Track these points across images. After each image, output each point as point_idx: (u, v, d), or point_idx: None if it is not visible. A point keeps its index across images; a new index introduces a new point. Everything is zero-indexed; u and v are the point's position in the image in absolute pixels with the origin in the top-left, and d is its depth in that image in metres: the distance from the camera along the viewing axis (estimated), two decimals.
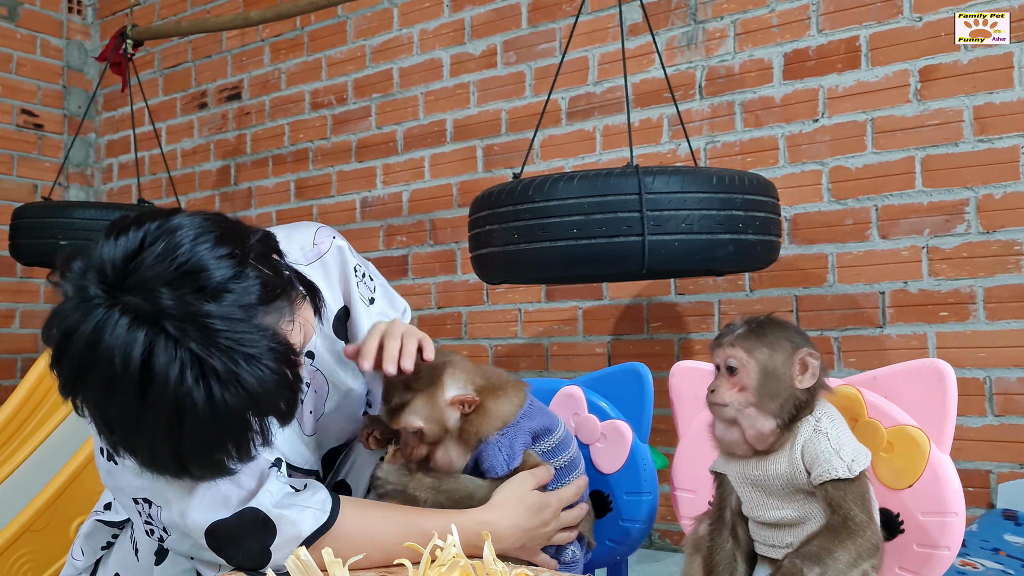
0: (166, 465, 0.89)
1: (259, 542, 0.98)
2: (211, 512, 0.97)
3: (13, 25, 3.69)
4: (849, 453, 0.97)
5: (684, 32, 2.50)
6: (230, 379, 0.84)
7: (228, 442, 0.88)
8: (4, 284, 3.62)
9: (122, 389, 0.83)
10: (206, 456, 0.89)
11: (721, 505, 1.05)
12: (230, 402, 0.84)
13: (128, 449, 0.89)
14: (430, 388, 1.12)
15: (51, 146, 3.80)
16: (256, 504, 0.98)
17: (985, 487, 2.05)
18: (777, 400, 0.98)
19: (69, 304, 0.85)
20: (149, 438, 0.86)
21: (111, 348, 0.82)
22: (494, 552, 0.89)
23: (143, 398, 0.83)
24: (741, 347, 1.00)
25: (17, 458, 2.20)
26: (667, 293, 2.51)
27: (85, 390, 0.86)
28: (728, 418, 1.00)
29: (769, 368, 0.99)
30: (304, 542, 0.97)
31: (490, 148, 2.84)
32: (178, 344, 0.82)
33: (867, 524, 0.95)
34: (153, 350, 0.82)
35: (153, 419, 0.84)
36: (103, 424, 0.88)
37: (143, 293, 0.83)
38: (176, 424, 0.84)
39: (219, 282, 0.85)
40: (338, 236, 1.26)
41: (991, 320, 2.06)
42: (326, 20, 3.23)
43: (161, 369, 0.82)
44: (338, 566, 0.84)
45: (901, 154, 2.18)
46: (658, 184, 1.66)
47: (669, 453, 1.40)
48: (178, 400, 0.83)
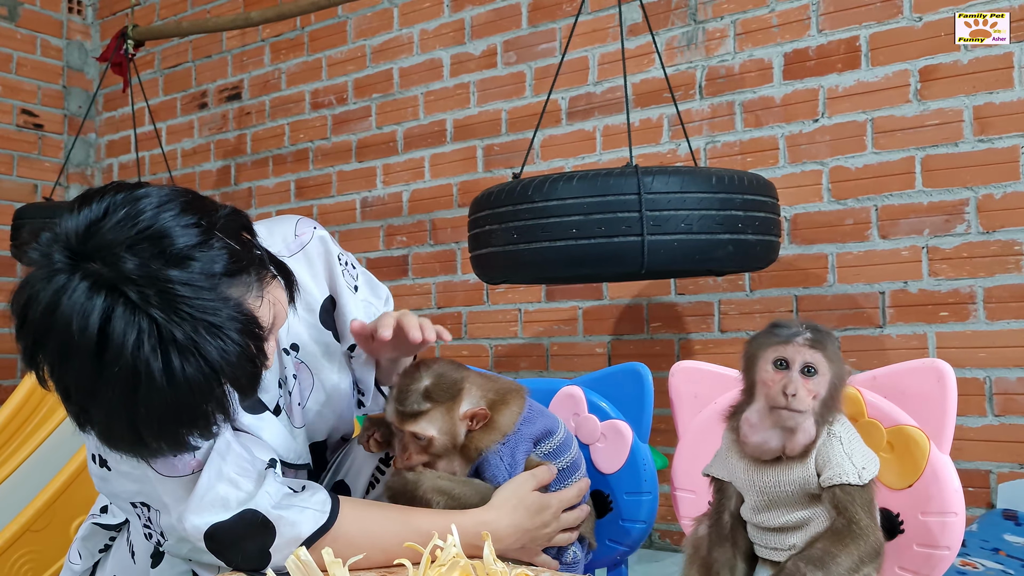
0: (122, 435, 0.86)
1: (258, 544, 0.98)
2: (209, 515, 0.96)
3: (13, 25, 3.69)
4: (860, 460, 0.97)
5: (684, 32, 2.50)
6: (190, 348, 0.81)
7: (186, 414, 0.85)
8: (4, 284, 3.62)
9: (79, 354, 0.81)
10: (163, 428, 0.86)
11: (720, 508, 1.05)
12: (188, 372, 0.82)
13: (87, 420, 0.86)
14: (450, 401, 1.12)
15: (51, 146, 3.80)
16: (255, 506, 0.97)
17: (985, 487, 2.05)
18: (831, 412, 0.99)
19: (34, 273, 0.85)
20: (105, 407, 0.83)
21: (69, 312, 0.81)
22: (494, 552, 0.89)
23: (100, 364, 0.81)
24: (821, 353, 0.97)
25: (17, 458, 2.20)
26: (667, 293, 2.51)
27: (44, 354, 0.84)
28: (794, 425, 0.97)
29: (838, 381, 0.98)
30: (304, 543, 0.97)
31: (490, 148, 2.84)
32: (137, 310, 0.80)
33: (871, 529, 0.96)
34: (111, 315, 0.80)
35: (109, 387, 0.81)
36: (62, 391, 0.86)
37: (105, 258, 0.82)
38: (131, 392, 0.81)
39: (183, 248, 0.83)
40: (319, 226, 1.24)
41: (991, 320, 2.06)
42: (326, 20, 3.23)
43: (119, 335, 0.80)
44: (338, 566, 0.84)
45: (901, 154, 2.18)
46: (658, 184, 1.66)
47: (669, 453, 1.40)
48: (135, 367, 0.80)
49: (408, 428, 1.11)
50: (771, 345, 0.98)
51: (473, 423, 1.13)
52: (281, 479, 1.04)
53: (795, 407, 0.95)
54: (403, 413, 1.11)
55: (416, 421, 1.11)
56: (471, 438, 1.13)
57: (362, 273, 1.29)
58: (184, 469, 0.97)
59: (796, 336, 0.97)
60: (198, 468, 0.97)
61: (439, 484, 1.11)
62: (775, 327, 1.00)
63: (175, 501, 0.97)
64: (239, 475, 0.99)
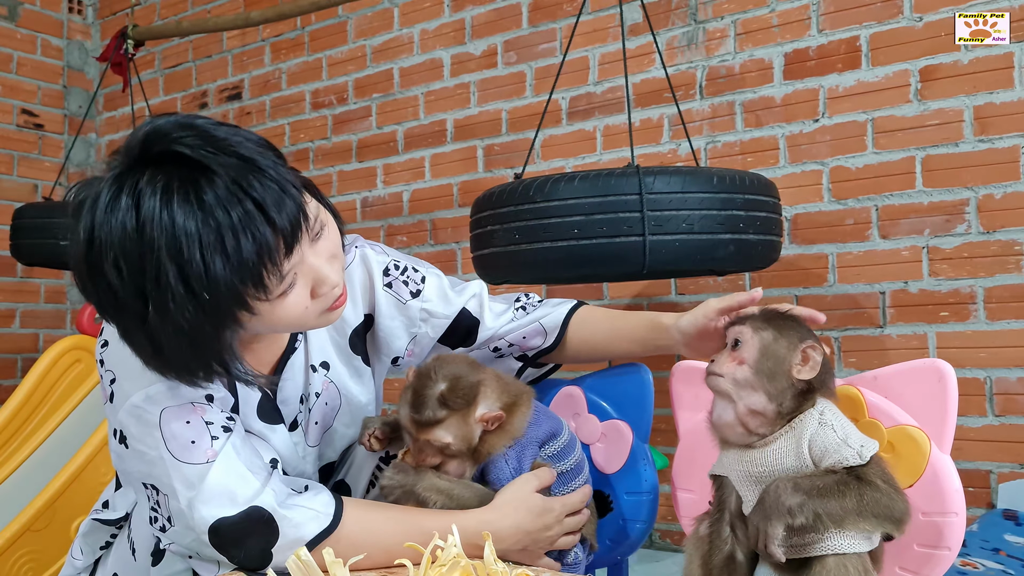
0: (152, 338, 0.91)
1: (261, 543, 0.98)
2: (217, 507, 0.97)
3: (13, 25, 3.69)
4: (857, 441, 0.98)
5: (684, 32, 2.50)
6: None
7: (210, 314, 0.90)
8: (4, 284, 3.62)
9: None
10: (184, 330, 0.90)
11: (720, 506, 1.05)
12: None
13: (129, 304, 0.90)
14: (466, 408, 1.12)
15: (51, 146, 3.80)
16: (261, 503, 0.98)
17: (985, 487, 2.05)
18: (774, 383, 0.99)
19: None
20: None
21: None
22: (495, 552, 0.89)
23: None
24: (749, 325, 1.04)
25: (17, 458, 2.20)
26: (667, 293, 2.51)
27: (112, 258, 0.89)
28: (722, 389, 1.02)
29: (770, 348, 1.01)
30: (307, 545, 0.97)
31: (491, 148, 2.85)
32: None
33: (885, 489, 0.94)
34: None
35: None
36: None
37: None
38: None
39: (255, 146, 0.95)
40: (361, 242, 1.26)
41: (991, 320, 2.06)
42: (327, 20, 3.23)
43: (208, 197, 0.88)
44: (339, 566, 0.84)
45: (901, 154, 2.18)
46: (659, 184, 1.66)
47: (669, 453, 1.40)
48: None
49: (424, 436, 1.10)
50: (724, 332, 1.10)
51: (488, 425, 1.13)
52: (285, 478, 1.04)
53: (711, 370, 1.04)
54: (419, 422, 1.10)
55: (432, 430, 1.10)
56: (483, 440, 1.13)
57: (432, 276, 1.30)
58: (199, 457, 0.98)
59: (737, 319, 1.08)
60: (212, 458, 0.98)
61: (437, 483, 1.10)
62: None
63: (186, 487, 0.98)
64: (249, 470, 1.00)
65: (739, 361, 1.02)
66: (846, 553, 0.96)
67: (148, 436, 0.99)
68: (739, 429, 1.02)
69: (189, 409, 1.00)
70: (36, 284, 3.73)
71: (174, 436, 0.98)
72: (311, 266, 0.97)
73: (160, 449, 0.99)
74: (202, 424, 1.00)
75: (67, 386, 2.36)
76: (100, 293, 0.91)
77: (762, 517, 0.95)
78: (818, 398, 1.01)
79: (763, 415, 1.00)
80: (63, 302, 3.83)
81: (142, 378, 1.00)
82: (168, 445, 0.98)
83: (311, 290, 0.98)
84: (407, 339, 1.27)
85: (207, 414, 1.01)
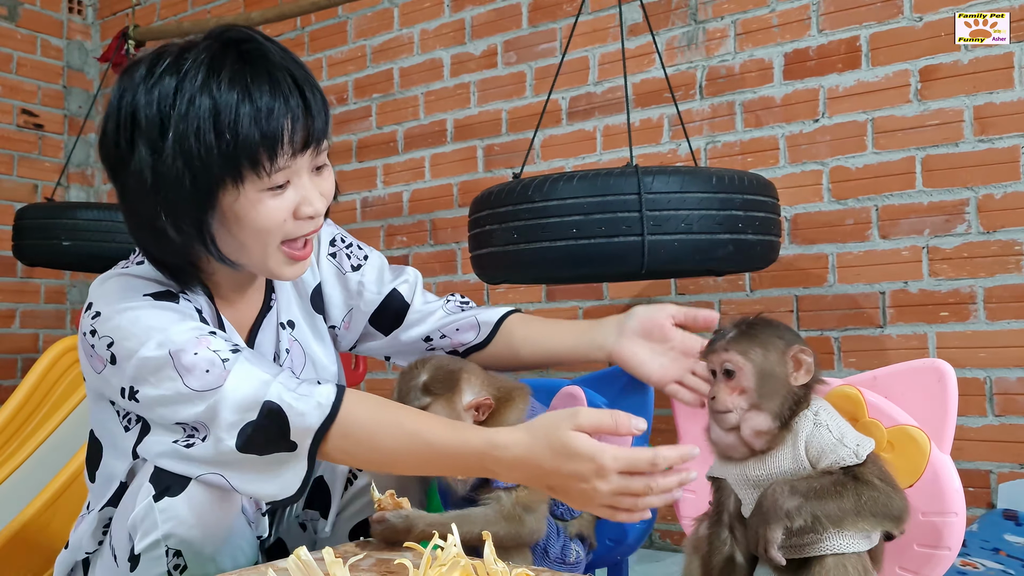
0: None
1: (279, 436, 1.00)
2: (241, 414, 1.00)
3: (13, 25, 3.69)
4: (853, 440, 0.97)
5: (684, 32, 2.50)
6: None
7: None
8: (5, 284, 3.62)
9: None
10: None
11: (719, 508, 1.05)
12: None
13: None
14: (449, 393, 1.13)
15: (52, 146, 3.80)
16: (270, 396, 1.01)
17: (985, 487, 2.05)
18: (776, 399, 0.99)
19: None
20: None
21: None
22: (494, 551, 0.89)
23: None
24: (735, 350, 1.00)
25: (17, 458, 2.20)
26: (667, 293, 2.51)
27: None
28: (731, 425, 1.00)
29: (765, 368, 0.99)
30: (315, 435, 1.00)
31: (490, 148, 2.84)
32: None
33: (883, 487, 0.94)
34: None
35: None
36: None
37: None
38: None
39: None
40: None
41: (991, 320, 2.06)
42: (326, 20, 3.23)
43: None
44: (339, 566, 0.84)
45: (901, 154, 2.18)
46: (658, 184, 1.66)
47: None
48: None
49: None
50: (705, 357, 1.05)
51: (479, 414, 1.13)
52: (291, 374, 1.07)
53: (715, 408, 1.00)
54: None
55: None
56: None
57: (374, 256, 1.35)
58: (216, 380, 1.01)
59: (716, 342, 1.02)
60: (226, 378, 1.01)
61: (432, 520, 1.09)
62: (712, 337, 1.05)
63: (209, 412, 1.01)
64: (261, 370, 1.03)
65: (739, 391, 0.99)
66: (845, 553, 0.96)
67: (166, 379, 1.02)
68: (743, 450, 1.01)
69: (195, 343, 1.03)
70: (36, 284, 3.73)
71: (187, 370, 1.01)
72: (305, 184, 1.07)
73: (178, 385, 1.01)
74: (209, 352, 1.03)
75: (67, 386, 2.35)
76: (120, 135, 1.02)
77: (761, 521, 0.95)
78: (812, 397, 1.01)
79: (768, 433, 0.99)
80: (63, 302, 3.83)
81: (144, 334, 1.04)
82: (184, 379, 1.01)
83: (295, 208, 1.06)
84: (344, 310, 1.33)
85: (212, 343, 1.04)
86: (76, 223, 2.68)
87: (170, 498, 1.03)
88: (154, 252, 1.11)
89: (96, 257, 2.68)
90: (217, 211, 1.04)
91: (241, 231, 1.06)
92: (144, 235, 1.09)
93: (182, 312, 1.08)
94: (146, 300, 1.08)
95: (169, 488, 1.04)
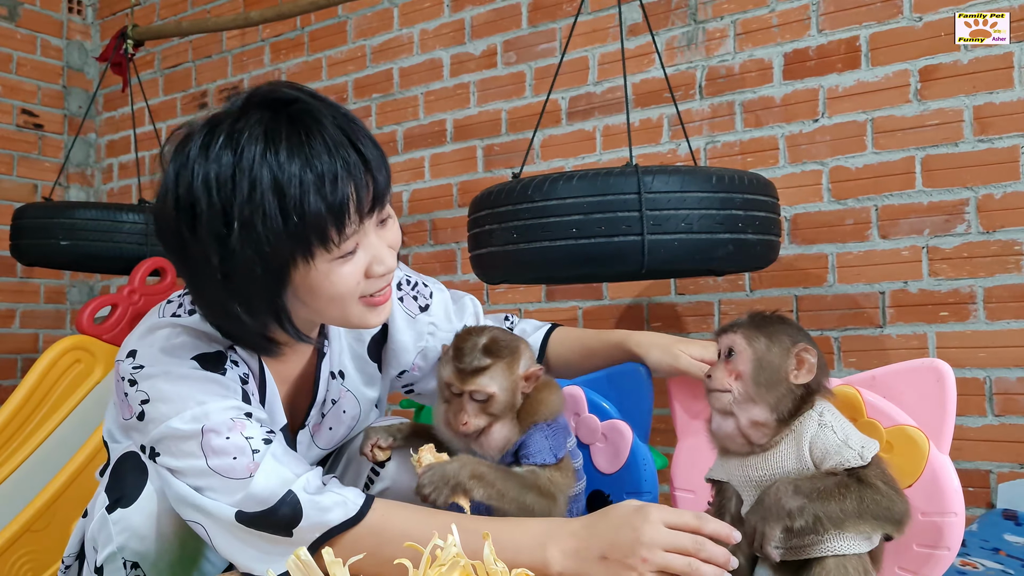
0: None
1: (284, 522, 0.99)
2: (253, 506, 0.99)
3: (13, 25, 3.69)
4: (857, 442, 0.97)
5: (684, 32, 2.50)
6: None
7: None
8: (4, 284, 3.62)
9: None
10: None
11: (720, 511, 1.05)
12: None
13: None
14: (510, 358, 1.13)
15: (51, 146, 3.80)
16: (292, 487, 0.99)
17: (985, 487, 2.05)
18: (773, 392, 0.99)
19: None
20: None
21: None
22: (495, 552, 0.89)
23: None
24: (741, 334, 1.02)
25: (17, 458, 2.20)
26: (667, 293, 2.51)
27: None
28: (723, 406, 1.01)
29: (765, 358, 1.00)
30: (329, 531, 0.98)
31: (490, 148, 2.84)
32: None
33: (886, 490, 0.94)
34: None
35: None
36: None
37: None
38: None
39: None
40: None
41: (991, 320, 2.06)
42: (326, 20, 3.23)
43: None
44: (339, 566, 0.84)
45: (901, 154, 2.18)
46: (657, 184, 1.66)
47: (669, 453, 1.40)
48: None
49: (469, 387, 1.10)
50: (716, 338, 1.08)
51: (527, 384, 1.14)
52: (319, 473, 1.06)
53: (710, 387, 1.03)
54: (463, 371, 1.11)
55: (477, 377, 1.10)
56: (528, 405, 1.14)
57: (438, 292, 1.36)
58: (241, 472, 0.99)
59: (728, 326, 1.05)
60: (253, 471, 0.99)
61: (479, 470, 1.09)
62: (727, 323, 1.08)
63: (227, 496, 0.99)
64: (289, 470, 1.00)
65: (736, 375, 1.01)
66: (846, 554, 0.96)
67: (188, 455, 1.00)
68: (740, 440, 1.01)
69: (229, 425, 1.01)
70: (36, 284, 3.73)
71: (214, 451, 0.99)
72: (373, 243, 1.02)
73: (199, 463, 1.00)
74: (242, 439, 1.00)
75: (67, 386, 2.35)
76: (180, 221, 0.95)
77: (760, 518, 0.95)
78: (817, 399, 1.01)
79: (765, 426, 1.00)
80: (63, 302, 3.83)
81: (181, 403, 1.01)
82: (208, 459, 0.99)
83: (366, 268, 1.02)
84: (415, 352, 1.32)
85: (246, 429, 1.01)
86: (74, 223, 2.68)
87: (123, 509, 1.02)
88: (225, 328, 1.06)
89: (94, 257, 2.68)
90: (289, 288, 1.01)
91: (315, 301, 1.03)
92: (215, 315, 1.04)
93: (225, 386, 1.05)
94: (192, 365, 1.04)
95: (120, 499, 1.03)
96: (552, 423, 1.15)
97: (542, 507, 1.11)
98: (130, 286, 2.49)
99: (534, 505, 1.10)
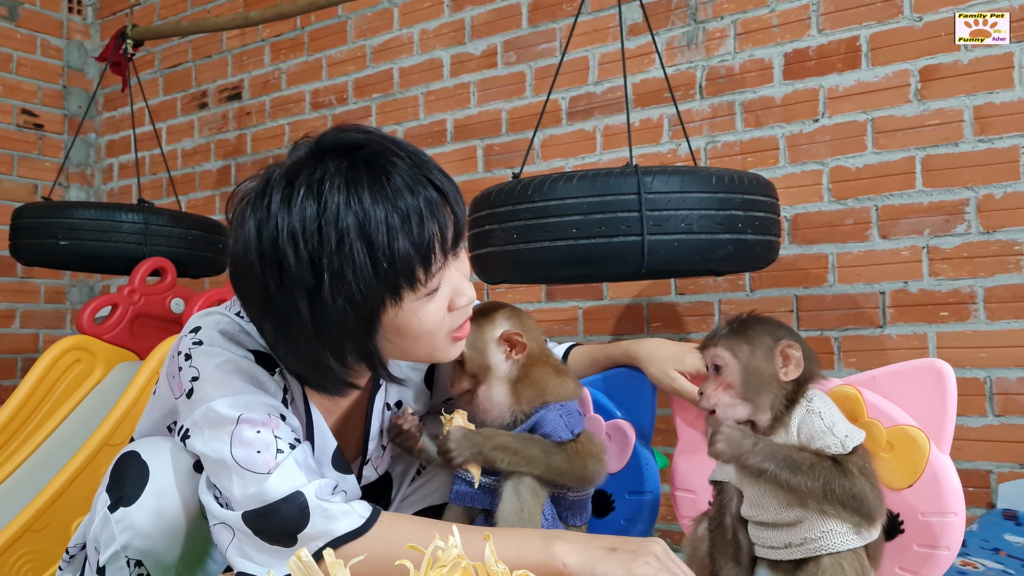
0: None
1: (290, 525, 0.99)
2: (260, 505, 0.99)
3: (13, 25, 3.69)
4: (842, 430, 0.98)
5: (684, 32, 2.50)
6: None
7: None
8: (4, 284, 3.62)
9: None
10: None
11: (721, 511, 1.05)
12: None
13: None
14: (479, 320, 1.18)
15: (51, 146, 3.80)
16: (302, 489, 0.99)
17: (985, 487, 2.05)
18: (765, 395, 1.00)
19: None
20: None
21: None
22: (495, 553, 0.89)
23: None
24: (724, 346, 1.03)
25: (17, 458, 2.20)
26: (667, 293, 2.51)
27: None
28: (719, 423, 1.01)
29: (751, 365, 1.00)
30: (335, 541, 0.98)
31: (490, 148, 2.84)
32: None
33: (861, 482, 0.95)
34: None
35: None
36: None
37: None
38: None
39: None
40: None
41: (991, 320, 2.06)
42: (326, 20, 3.23)
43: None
44: (339, 567, 0.84)
45: (901, 154, 2.18)
46: (657, 184, 1.66)
47: (669, 453, 1.40)
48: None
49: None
50: (701, 352, 1.08)
51: (511, 351, 1.15)
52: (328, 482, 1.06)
53: (701, 405, 1.03)
54: None
55: None
56: (527, 375, 1.17)
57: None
58: (261, 467, 0.99)
59: (709, 340, 1.05)
60: (272, 469, 0.99)
61: (502, 441, 1.12)
62: (708, 334, 1.08)
63: (242, 490, 0.99)
64: (304, 476, 1.01)
65: (725, 386, 1.02)
66: (840, 551, 0.96)
67: (215, 439, 1.01)
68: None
69: (265, 421, 1.01)
70: (36, 284, 3.73)
71: (241, 442, 1.00)
72: (452, 276, 1.03)
73: (225, 453, 1.00)
74: (271, 436, 1.01)
75: (67, 386, 2.36)
76: (267, 276, 0.95)
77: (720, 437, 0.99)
78: (808, 388, 1.02)
79: (761, 425, 1.00)
80: (63, 302, 3.83)
81: (228, 386, 1.02)
82: (234, 451, 1.00)
83: (449, 303, 1.03)
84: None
85: (278, 429, 1.02)
86: (73, 222, 2.67)
87: (125, 508, 1.02)
88: (311, 379, 1.06)
89: (94, 257, 2.67)
90: (379, 331, 1.01)
91: (403, 340, 1.03)
92: (303, 364, 1.04)
93: (272, 385, 1.07)
94: (247, 356, 1.06)
95: (122, 498, 1.03)
96: (563, 404, 1.17)
97: (573, 469, 1.14)
98: (130, 286, 2.49)
99: (562, 466, 1.13)
